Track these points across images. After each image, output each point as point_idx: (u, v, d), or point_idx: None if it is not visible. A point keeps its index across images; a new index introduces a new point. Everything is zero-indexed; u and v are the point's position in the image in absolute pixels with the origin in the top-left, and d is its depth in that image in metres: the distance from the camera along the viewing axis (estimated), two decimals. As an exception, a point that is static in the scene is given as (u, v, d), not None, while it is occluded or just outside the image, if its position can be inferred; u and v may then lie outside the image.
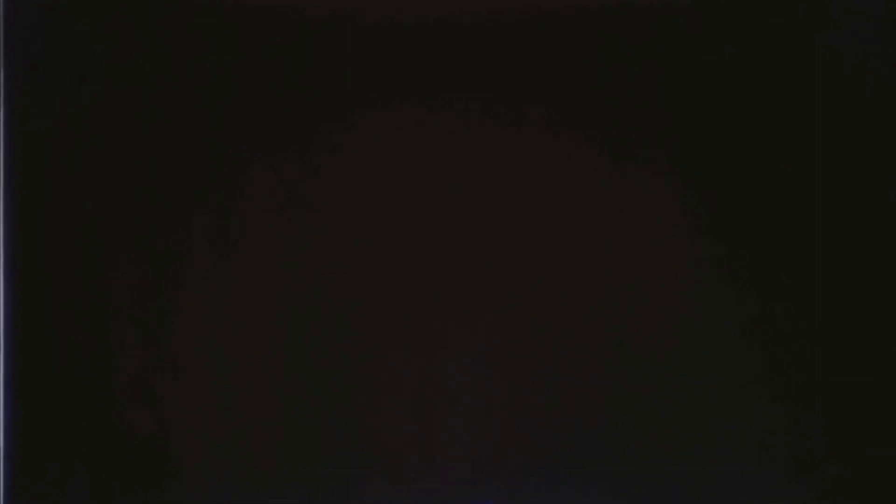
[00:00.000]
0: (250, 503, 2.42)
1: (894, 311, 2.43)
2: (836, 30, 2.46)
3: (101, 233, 2.43)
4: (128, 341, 2.42)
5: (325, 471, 2.43)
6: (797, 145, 2.46)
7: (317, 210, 2.45)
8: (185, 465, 2.42)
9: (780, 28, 2.46)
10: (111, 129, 2.44)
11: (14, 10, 2.43)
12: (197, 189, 2.44)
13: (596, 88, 2.46)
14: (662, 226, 2.45)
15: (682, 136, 2.45)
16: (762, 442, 2.43)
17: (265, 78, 2.45)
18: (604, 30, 2.46)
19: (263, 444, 2.42)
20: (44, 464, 2.41)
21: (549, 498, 2.43)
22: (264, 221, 2.44)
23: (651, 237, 2.44)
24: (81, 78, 2.43)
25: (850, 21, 2.46)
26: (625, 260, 2.44)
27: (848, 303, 2.44)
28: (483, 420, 2.43)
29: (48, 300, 2.41)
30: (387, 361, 2.44)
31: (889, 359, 2.43)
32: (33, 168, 2.43)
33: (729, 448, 2.43)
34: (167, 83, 2.44)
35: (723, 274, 2.44)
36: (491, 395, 2.44)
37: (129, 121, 2.44)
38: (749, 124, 2.46)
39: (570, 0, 2.46)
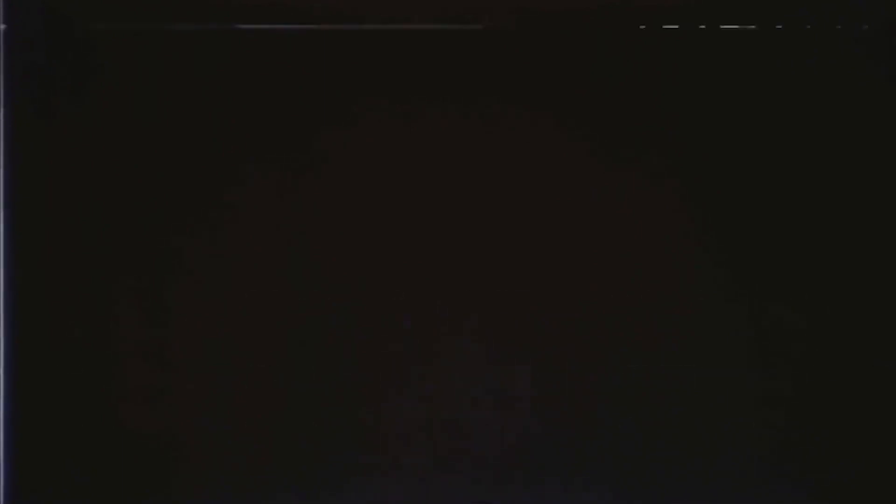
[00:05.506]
0: (250, 503, 2.42)
1: (894, 311, 2.43)
2: (837, 30, 2.46)
3: (100, 233, 2.43)
4: (127, 341, 2.42)
5: (325, 471, 2.43)
6: (798, 146, 2.46)
7: (317, 209, 2.45)
8: (185, 465, 2.42)
9: (780, 28, 2.46)
10: (111, 129, 2.44)
11: (14, 11, 2.44)
12: (196, 189, 2.44)
13: (596, 89, 2.46)
14: (663, 227, 2.44)
15: (682, 136, 2.45)
16: (763, 442, 2.43)
17: (264, 78, 2.46)
18: (604, 30, 2.46)
19: (263, 444, 2.42)
20: (44, 464, 2.42)
21: (553, 498, 2.43)
22: (263, 221, 2.44)
23: (652, 238, 2.44)
24: (81, 79, 2.44)
25: (850, 21, 2.46)
26: (627, 260, 2.44)
27: (849, 303, 2.44)
28: (485, 421, 2.44)
29: (48, 300, 2.41)
30: (389, 363, 2.44)
31: (889, 359, 2.43)
32: (33, 169, 2.43)
33: (730, 448, 2.43)
34: (167, 84, 2.45)
35: (724, 275, 2.44)
36: (493, 396, 2.44)
37: (128, 121, 2.44)
38: (750, 125, 2.46)
39: (571, 1, 2.46)
